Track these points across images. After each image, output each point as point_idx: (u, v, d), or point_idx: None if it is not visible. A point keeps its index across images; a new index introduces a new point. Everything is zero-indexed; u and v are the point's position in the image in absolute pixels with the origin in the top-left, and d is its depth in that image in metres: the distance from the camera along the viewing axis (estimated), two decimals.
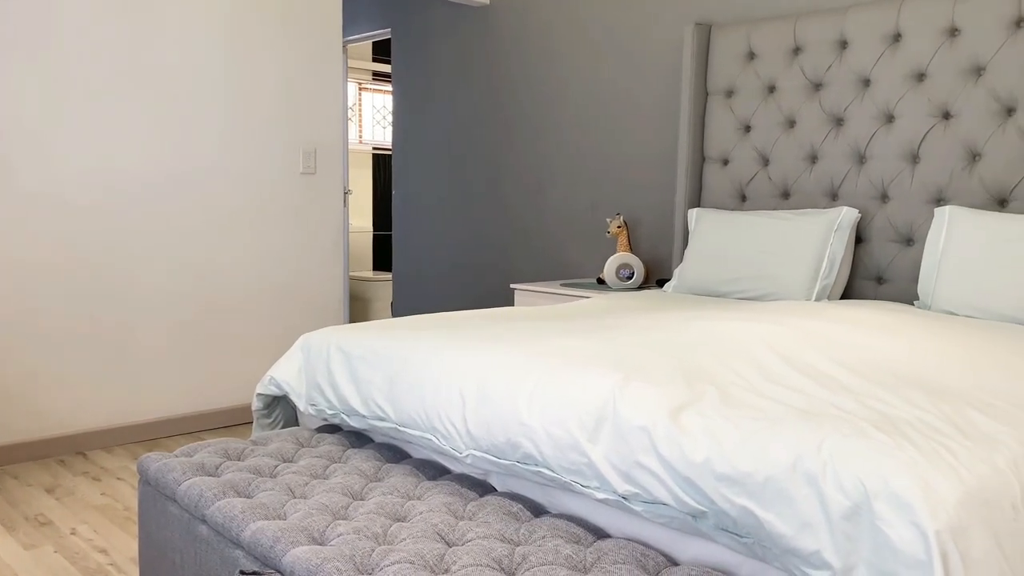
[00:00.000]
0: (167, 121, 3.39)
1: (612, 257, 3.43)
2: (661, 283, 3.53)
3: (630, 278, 3.41)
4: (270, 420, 2.29)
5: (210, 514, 1.60)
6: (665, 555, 1.40)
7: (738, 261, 2.94)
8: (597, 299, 2.76)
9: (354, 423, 1.98)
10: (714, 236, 3.06)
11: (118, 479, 2.95)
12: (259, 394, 2.24)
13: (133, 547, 2.38)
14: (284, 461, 1.89)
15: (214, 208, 3.55)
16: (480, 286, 4.51)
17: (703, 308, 2.52)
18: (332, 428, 2.11)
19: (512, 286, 3.62)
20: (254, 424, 2.31)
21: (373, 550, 1.39)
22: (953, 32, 2.68)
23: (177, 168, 3.43)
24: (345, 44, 5.45)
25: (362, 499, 1.66)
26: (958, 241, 2.50)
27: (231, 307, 3.63)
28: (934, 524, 1.06)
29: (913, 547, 1.07)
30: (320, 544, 1.44)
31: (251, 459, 1.86)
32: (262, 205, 3.68)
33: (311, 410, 2.11)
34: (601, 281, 3.56)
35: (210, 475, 1.79)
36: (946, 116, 2.70)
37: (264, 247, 3.71)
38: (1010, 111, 2.57)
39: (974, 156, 2.64)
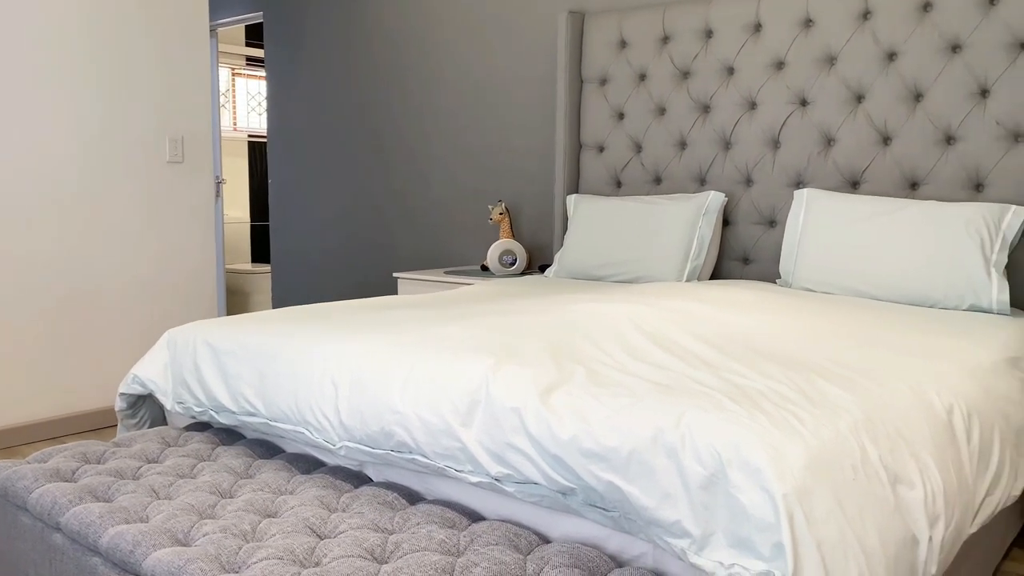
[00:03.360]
0: (14, 105, 3.16)
1: (495, 244, 3.45)
2: (543, 268, 3.57)
3: (513, 264, 3.44)
4: (135, 420, 2.18)
5: (65, 521, 1.51)
6: (537, 533, 1.43)
7: (613, 245, 3.01)
8: (480, 286, 2.77)
9: (224, 420, 1.91)
10: (591, 222, 3.12)
11: None
12: (122, 393, 2.13)
13: None
14: (148, 462, 1.80)
15: (70, 197, 3.34)
16: (363, 275, 4.44)
17: (580, 292, 2.57)
18: (201, 426, 2.03)
19: (395, 275, 3.58)
20: (119, 426, 2.19)
21: (240, 548, 1.35)
22: (808, 23, 2.82)
23: (27, 156, 3.21)
24: (215, 28, 5.23)
25: (231, 497, 1.61)
26: (815, 222, 2.65)
27: (93, 303, 3.44)
28: (781, 488, 1.12)
29: (763, 511, 1.12)
30: (184, 545, 1.39)
31: (112, 462, 1.77)
32: (125, 194, 3.50)
33: (178, 408, 2.02)
34: (485, 268, 3.57)
35: (66, 480, 1.69)
36: (803, 103, 2.84)
37: (128, 239, 3.52)
38: (859, 98, 2.73)
39: (829, 141, 2.80)
